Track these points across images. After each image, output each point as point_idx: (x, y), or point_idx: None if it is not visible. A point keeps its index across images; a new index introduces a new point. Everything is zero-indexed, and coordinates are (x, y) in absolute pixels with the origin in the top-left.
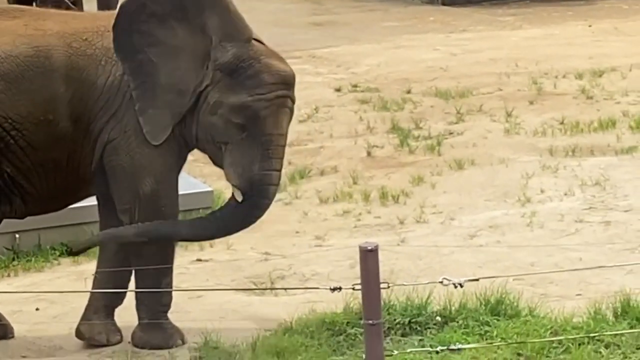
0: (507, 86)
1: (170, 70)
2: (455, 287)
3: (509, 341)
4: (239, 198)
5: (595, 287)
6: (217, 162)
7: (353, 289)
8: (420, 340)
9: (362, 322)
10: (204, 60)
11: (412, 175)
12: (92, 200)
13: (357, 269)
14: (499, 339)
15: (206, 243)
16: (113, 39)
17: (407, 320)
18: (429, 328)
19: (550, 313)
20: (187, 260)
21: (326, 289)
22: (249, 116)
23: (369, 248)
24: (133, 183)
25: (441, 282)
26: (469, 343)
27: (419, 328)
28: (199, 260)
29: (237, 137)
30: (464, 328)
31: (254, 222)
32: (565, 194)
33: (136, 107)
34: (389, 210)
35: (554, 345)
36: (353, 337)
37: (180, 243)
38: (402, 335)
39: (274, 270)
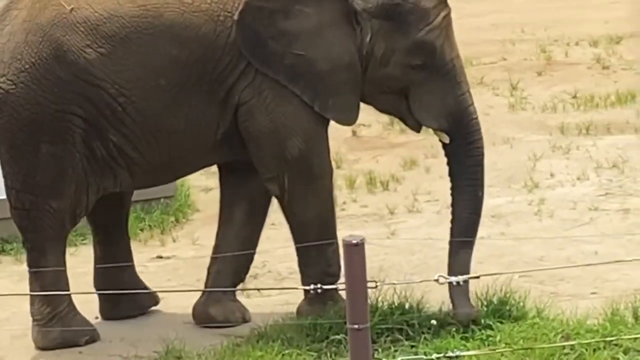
0: (512, 55)
1: (324, 52)
2: (453, 285)
3: (514, 347)
4: (446, 140)
5: (613, 285)
6: (392, 110)
7: (336, 289)
8: (413, 346)
9: (346, 326)
10: (348, 19)
11: (404, 157)
12: None
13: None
14: (503, 345)
15: (168, 237)
16: (251, 59)
17: (397, 324)
18: (423, 333)
19: (562, 314)
20: (146, 257)
21: (305, 289)
22: (427, 52)
23: (354, 242)
24: (277, 147)
25: (437, 280)
26: (468, 350)
27: (411, 333)
28: (160, 257)
29: (419, 78)
30: (463, 332)
31: (482, 156)
32: (578, 178)
33: (315, 107)
34: (377, 198)
35: (566, 351)
36: (337, 344)
37: (138, 238)
38: (392, 341)
39: None
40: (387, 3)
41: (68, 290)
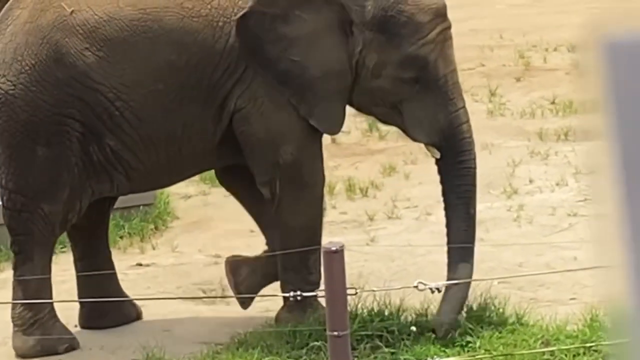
0: (491, 61)
1: (318, 59)
2: (433, 292)
3: (494, 353)
4: (437, 155)
5: (592, 290)
6: (390, 122)
7: (316, 295)
8: (393, 353)
9: (326, 333)
10: (343, 28)
11: (383, 164)
12: None
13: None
14: (483, 351)
15: (147, 245)
16: (249, 62)
17: (377, 330)
18: (403, 339)
19: (541, 320)
20: (125, 265)
21: (285, 296)
22: (419, 66)
23: (334, 249)
24: (271, 153)
25: (416, 287)
26: (448, 356)
27: (391, 339)
28: (140, 264)
29: (410, 92)
30: (443, 339)
31: (474, 176)
32: (557, 184)
33: (301, 112)
34: (357, 204)
35: (546, 357)
36: (317, 351)
37: (117, 245)
38: (372, 348)
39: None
40: (381, 15)
41: (51, 296)
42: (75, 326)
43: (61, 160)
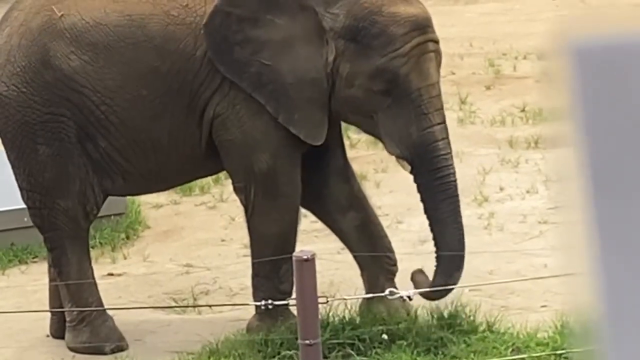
0: (461, 69)
1: (290, 65)
2: (404, 300)
3: None
4: (407, 169)
5: (563, 298)
6: (369, 131)
7: (287, 304)
8: None
9: (298, 342)
10: (319, 36)
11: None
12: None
13: None
14: (454, 359)
15: (119, 254)
16: (217, 64)
17: (349, 339)
18: (375, 347)
19: (512, 328)
20: (97, 275)
21: (256, 305)
22: (389, 79)
23: (305, 257)
24: (246, 159)
25: (387, 295)
26: None
27: (362, 348)
28: (111, 274)
29: (383, 104)
30: (414, 347)
31: (454, 189)
32: (528, 192)
33: (279, 119)
34: None
35: None
36: None
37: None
38: (344, 357)
39: (197, 285)
40: (354, 25)
41: (95, 291)
42: (47, 336)
43: (64, 155)
